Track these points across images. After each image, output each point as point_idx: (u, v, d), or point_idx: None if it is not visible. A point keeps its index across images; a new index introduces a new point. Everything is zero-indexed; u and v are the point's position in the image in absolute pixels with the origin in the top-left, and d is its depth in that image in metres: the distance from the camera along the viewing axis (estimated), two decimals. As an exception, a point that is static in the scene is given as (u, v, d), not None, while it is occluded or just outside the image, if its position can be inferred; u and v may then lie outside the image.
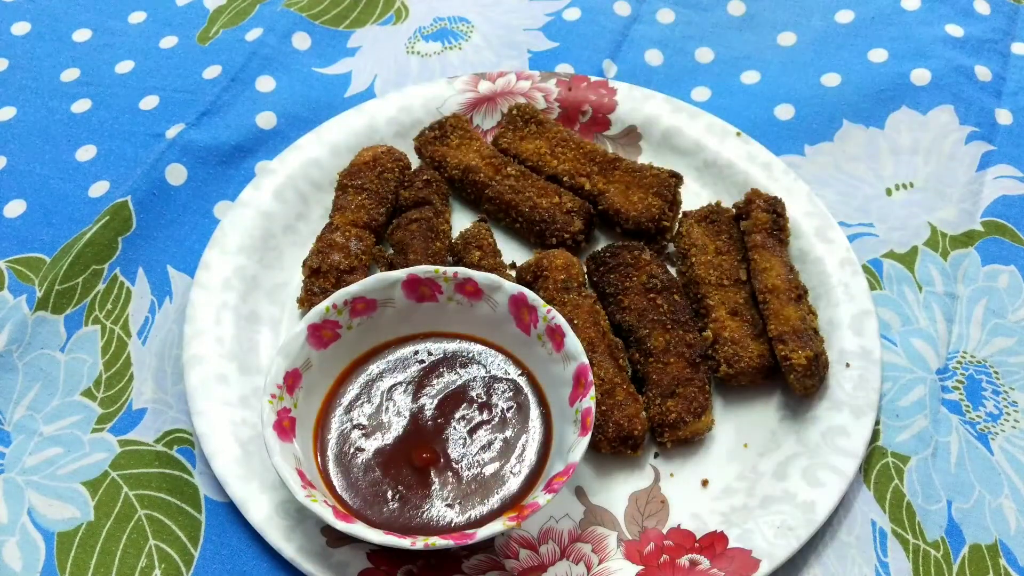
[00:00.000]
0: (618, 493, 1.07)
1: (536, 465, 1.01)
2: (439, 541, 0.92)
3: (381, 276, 1.09)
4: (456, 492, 1.00)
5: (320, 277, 1.18)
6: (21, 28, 1.55)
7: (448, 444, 1.03)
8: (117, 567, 1.03)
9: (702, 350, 1.12)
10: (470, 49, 1.51)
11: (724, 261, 1.19)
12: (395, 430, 1.04)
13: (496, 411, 1.05)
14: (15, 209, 1.31)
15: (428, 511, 0.98)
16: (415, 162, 1.34)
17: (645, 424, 1.07)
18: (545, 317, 1.05)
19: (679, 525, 1.05)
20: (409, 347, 1.11)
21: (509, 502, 0.99)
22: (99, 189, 1.32)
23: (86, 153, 1.37)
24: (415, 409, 1.06)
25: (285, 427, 1.00)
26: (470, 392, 1.07)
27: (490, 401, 1.06)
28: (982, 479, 1.07)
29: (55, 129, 1.40)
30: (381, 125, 1.36)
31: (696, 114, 1.36)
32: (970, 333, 1.19)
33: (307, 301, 1.17)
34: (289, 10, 1.56)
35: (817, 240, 1.22)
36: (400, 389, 1.07)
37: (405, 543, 0.92)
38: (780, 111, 1.41)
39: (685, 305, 1.16)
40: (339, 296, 1.08)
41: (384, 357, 1.10)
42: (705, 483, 1.08)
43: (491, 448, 1.02)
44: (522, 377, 1.08)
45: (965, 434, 1.11)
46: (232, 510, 1.06)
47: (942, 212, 1.29)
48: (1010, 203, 1.29)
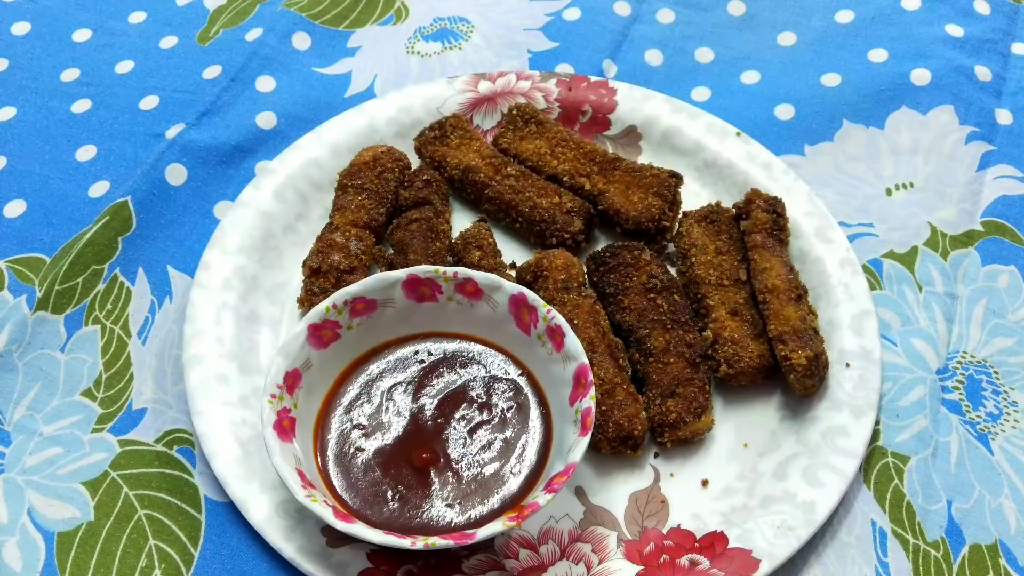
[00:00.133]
0: (618, 493, 1.07)
1: (536, 465, 1.01)
2: (439, 541, 0.92)
3: (381, 276, 1.09)
4: (456, 492, 1.00)
5: (320, 277, 1.18)
6: (21, 28, 1.55)
7: (448, 444, 1.03)
8: (117, 567, 1.03)
9: (702, 350, 1.12)
10: (470, 49, 1.51)
11: (724, 261, 1.19)
12: (395, 430, 1.04)
13: (496, 411, 1.05)
14: (15, 209, 1.31)
15: (428, 511, 0.98)
16: (415, 162, 1.34)
17: (645, 424, 1.07)
18: (545, 317, 1.05)
19: (679, 525, 1.05)
20: (409, 347, 1.11)
21: (509, 502, 0.99)
22: (99, 189, 1.32)
23: (86, 153, 1.37)
24: (415, 409, 1.06)
25: (285, 427, 1.00)
26: (470, 392, 1.06)
27: (490, 401, 1.06)
28: (982, 479, 1.07)
29: (55, 129, 1.40)
30: (381, 125, 1.36)
31: (696, 114, 1.36)
32: (970, 333, 1.19)
33: (307, 301, 1.17)
34: (289, 10, 1.56)
35: (817, 240, 1.22)
36: (400, 389, 1.07)
37: (405, 543, 0.92)
38: (780, 111, 1.41)
39: (685, 305, 1.16)
40: (339, 296, 1.07)
41: (384, 357, 1.10)
42: (705, 483, 1.08)
43: (491, 448, 1.02)
44: (522, 377, 1.08)
45: (965, 434, 1.11)
46: (232, 510, 1.06)
47: (942, 212, 1.29)
48: (1010, 203, 1.29)
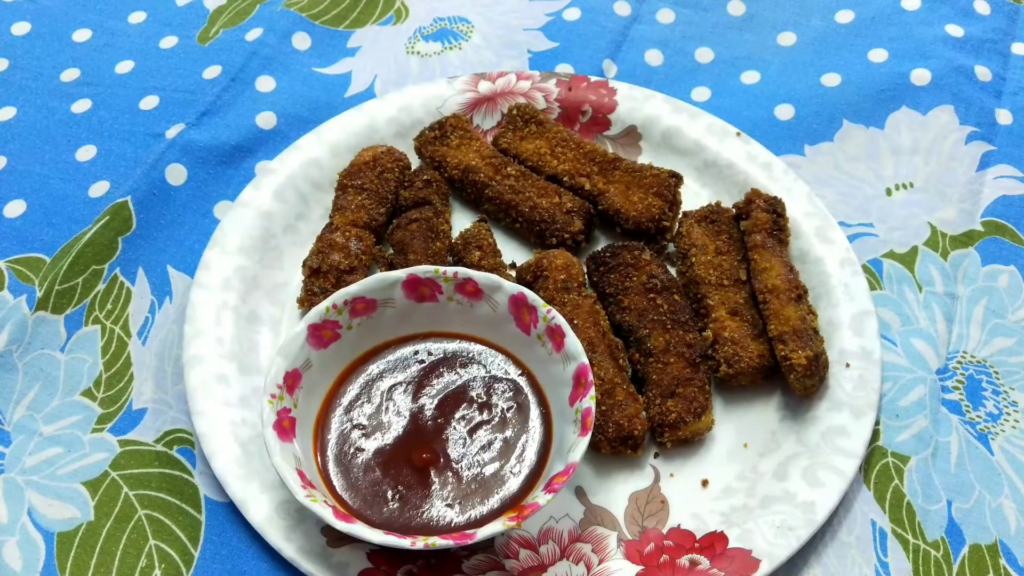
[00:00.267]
0: (618, 493, 1.07)
1: (536, 465, 1.01)
2: (439, 541, 0.92)
3: (381, 276, 1.09)
4: (456, 492, 1.00)
5: (320, 277, 1.18)
6: (21, 28, 1.55)
7: (448, 444, 1.03)
8: (117, 567, 1.03)
9: (702, 350, 1.12)
10: (470, 49, 1.51)
11: (724, 261, 1.19)
12: (395, 430, 1.04)
13: (496, 411, 1.05)
14: (15, 209, 1.31)
15: (428, 511, 0.98)
16: (415, 162, 1.34)
17: (645, 424, 1.07)
18: (545, 317, 1.05)
19: (679, 525, 1.04)
20: (409, 347, 1.11)
21: (509, 502, 0.99)
22: (99, 189, 1.32)
23: (86, 153, 1.37)
24: (415, 409, 1.06)
25: (285, 427, 1.00)
26: (470, 392, 1.06)
27: (490, 401, 1.06)
28: (982, 479, 1.07)
29: (55, 129, 1.40)
30: (381, 125, 1.36)
31: (696, 114, 1.36)
32: (970, 333, 1.19)
33: (307, 301, 1.17)
34: (289, 10, 1.56)
35: (817, 240, 1.22)
36: (400, 389, 1.07)
37: (405, 543, 0.92)
38: (780, 111, 1.41)
39: (685, 305, 1.16)
40: (339, 296, 1.07)
41: (384, 357, 1.10)
42: (705, 483, 1.08)
43: (491, 448, 1.02)
44: (522, 377, 1.08)
45: (965, 434, 1.10)
46: (232, 510, 1.06)
47: (942, 212, 1.29)
48: (1010, 203, 1.29)
